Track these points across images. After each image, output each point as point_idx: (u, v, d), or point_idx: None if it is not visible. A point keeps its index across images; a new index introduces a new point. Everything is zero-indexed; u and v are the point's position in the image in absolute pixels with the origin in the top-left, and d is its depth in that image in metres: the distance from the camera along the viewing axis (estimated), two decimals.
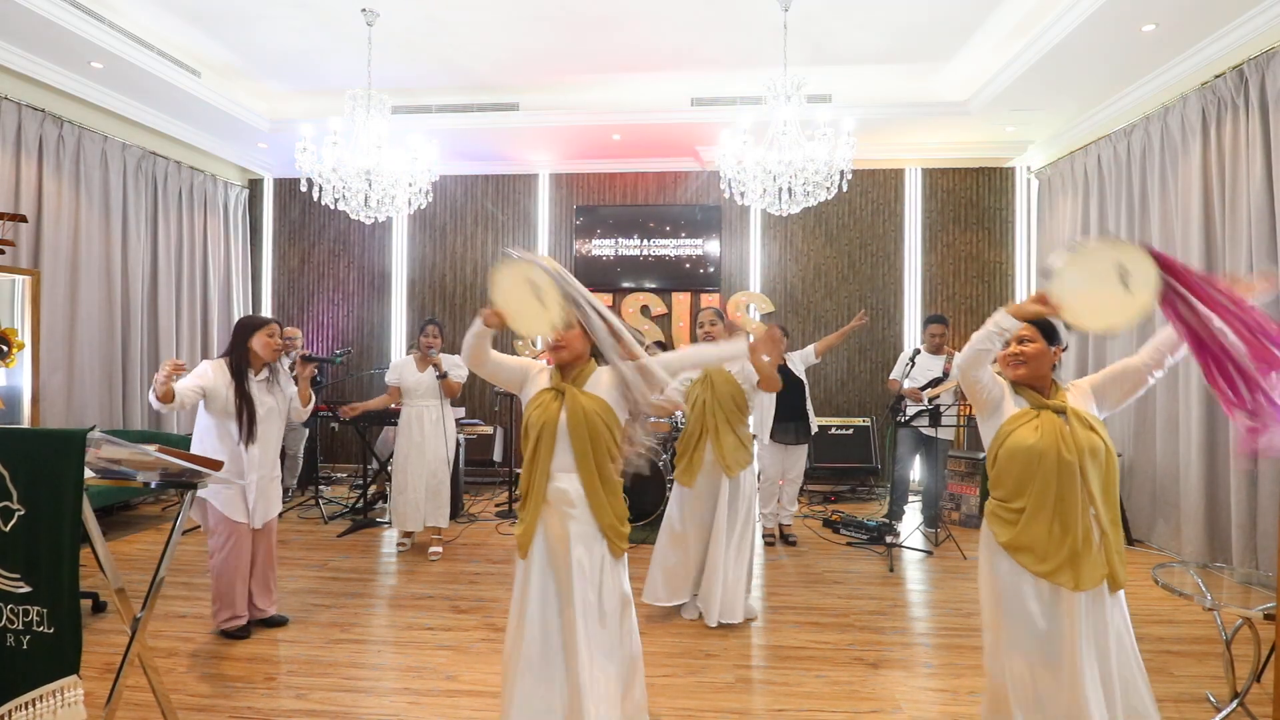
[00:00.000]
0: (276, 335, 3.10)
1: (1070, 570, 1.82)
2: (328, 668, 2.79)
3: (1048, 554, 1.85)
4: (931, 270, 6.58)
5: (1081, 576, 1.81)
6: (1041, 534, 1.86)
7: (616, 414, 2.03)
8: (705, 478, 3.30)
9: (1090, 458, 1.85)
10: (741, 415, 3.32)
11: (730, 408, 3.27)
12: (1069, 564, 1.82)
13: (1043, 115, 5.47)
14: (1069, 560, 1.83)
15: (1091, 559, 1.83)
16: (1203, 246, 4.18)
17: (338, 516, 5.24)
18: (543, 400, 2.03)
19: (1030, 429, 1.90)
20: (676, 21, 4.67)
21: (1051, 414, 1.91)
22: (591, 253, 6.81)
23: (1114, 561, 1.85)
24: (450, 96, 5.81)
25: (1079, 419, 1.89)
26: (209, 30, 4.86)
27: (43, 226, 4.74)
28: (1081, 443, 1.85)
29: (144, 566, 3.99)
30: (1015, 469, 1.91)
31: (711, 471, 3.29)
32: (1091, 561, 1.83)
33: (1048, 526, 1.85)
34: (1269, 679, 2.36)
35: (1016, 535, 1.89)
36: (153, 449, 2.04)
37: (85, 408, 4.98)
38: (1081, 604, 1.83)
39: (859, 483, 6.34)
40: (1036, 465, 1.86)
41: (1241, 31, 3.95)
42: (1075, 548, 1.83)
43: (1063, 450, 1.84)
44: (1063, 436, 1.86)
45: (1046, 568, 1.84)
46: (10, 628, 1.79)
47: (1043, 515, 1.86)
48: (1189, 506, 4.20)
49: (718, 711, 2.49)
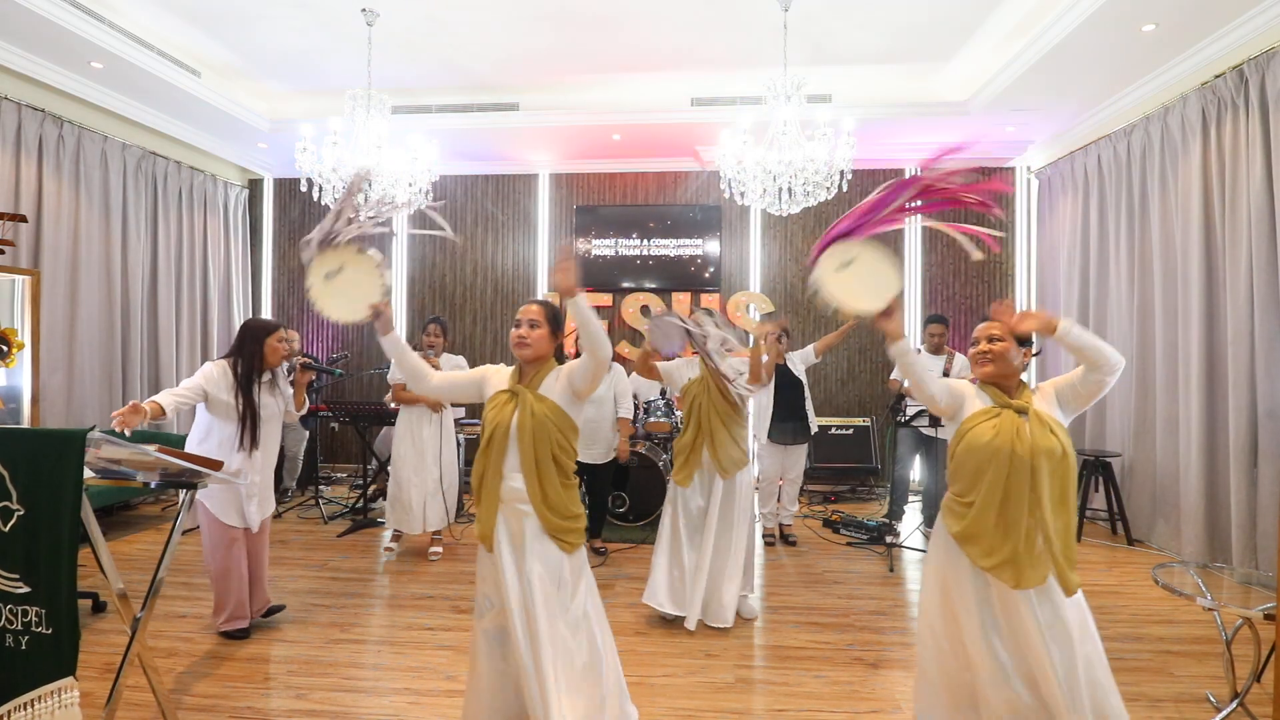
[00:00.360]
0: (284, 339, 3.10)
1: (1011, 568, 1.85)
2: (328, 668, 2.79)
3: (992, 549, 1.88)
4: (931, 270, 6.59)
5: (1022, 575, 1.84)
6: (988, 528, 1.89)
7: (569, 415, 2.09)
8: (701, 479, 3.30)
9: (1045, 458, 1.86)
10: (737, 415, 3.32)
11: (725, 409, 3.26)
12: (1010, 562, 1.85)
13: (1042, 115, 5.47)
14: (1010, 558, 1.85)
15: (1033, 559, 1.84)
16: (1203, 246, 4.18)
17: (338, 516, 5.24)
18: (498, 401, 2.11)
19: (989, 426, 1.93)
20: (676, 21, 4.67)
21: (1013, 413, 1.93)
22: (591, 253, 6.81)
23: (1060, 565, 1.85)
24: (450, 96, 5.81)
25: (1039, 420, 1.91)
26: (209, 30, 4.86)
27: (43, 226, 4.74)
28: (1039, 443, 1.87)
29: (144, 566, 3.99)
30: (970, 464, 1.94)
31: (708, 472, 3.29)
32: (1034, 561, 1.84)
33: (994, 522, 1.89)
34: (1269, 679, 2.36)
35: (965, 527, 1.93)
36: (153, 449, 2.04)
37: (85, 408, 4.98)
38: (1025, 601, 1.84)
39: (859, 483, 6.34)
40: (989, 462, 1.89)
41: (1241, 31, 3.94)
42: (1017, 547, 1.85)
43: (1017, 448, 1.87)
44: (1019, 435, 1.88)
45: (990, 562, 1.88)
46: (9, 628, 1.79)
47: (990, 511, 1.89)
48: (1189, 506, 4.20)
49: (718, 711, 2.49)
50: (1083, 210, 5.47)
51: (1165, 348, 4.49)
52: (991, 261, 6.55)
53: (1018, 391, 2.00)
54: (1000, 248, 4.48)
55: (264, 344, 3.02)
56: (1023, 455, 1.86)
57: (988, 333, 2.02)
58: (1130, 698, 2.55)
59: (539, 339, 2.12)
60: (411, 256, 7.06)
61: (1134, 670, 2.79)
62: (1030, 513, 1.86)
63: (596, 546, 4.44)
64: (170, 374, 5.80)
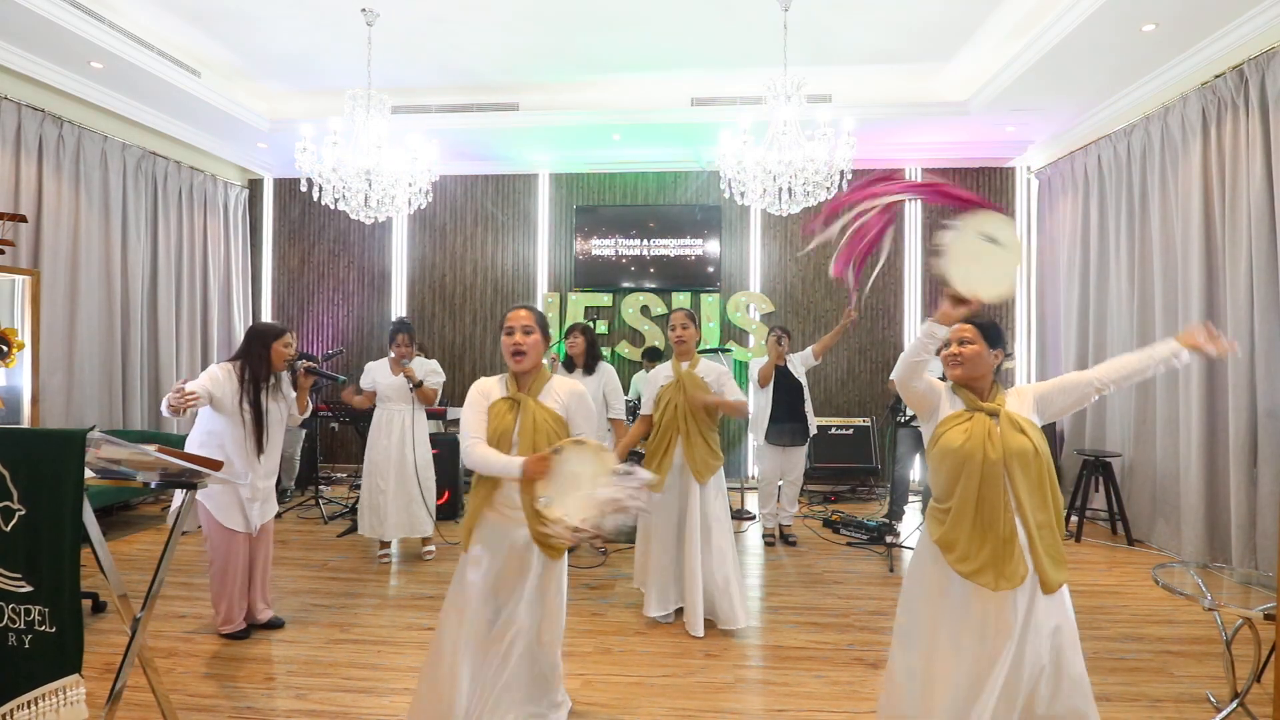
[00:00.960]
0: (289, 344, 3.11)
1: (991, 571, 1.84)
2: (328, 668, 2.79)
3: (969, 554, 1.87)
4: (932, 270, 6.59)
5: (1002, 577, 1.83)
6: (965, 534, 1.88)
7: (569, 427, 2.13)
8: (674, 482, 3.25)
9: (1017, 460, 1.86)
10: (712, 422, 3.30)
11: (700, 414, 3.23)
12: (990, 565, 1.84)
13: (1043, 115, 5.47)
14: (990, 562, 1.84)
15: (1013, 561, 1.83)
16: (1203, 246, 4.18)
17: (337, 517, 5.24)
18: (499, 409, 2.11)
19: (960, 431, 1.92)
20: (676, 21, 4.67)
21: (984, 416, 1.92)
22: (591, 253, 6.81)
23: (1042, 564, 1.84)
24: (450, 96, 5.81)
25: (1010, 422, 1.90)
26: (209, 30, 4.86)
27: (43, 226, 4.74)
28: (1010, 445, 1.86)
29: (144, 566, 4.00)
30: (945, 470, 1.93)
31: (681, 475, 3.25)
32: (1013, 563, 1.83)
33: (970, 527, 1.88)
34: (1269, 679, 2.37)
35: (944, 533, 1.92)
36: (153, 449, 2.04)
37: (85, 408, 4.98)
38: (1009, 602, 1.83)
39: (859, 483, 6.34)
40: (961, 467, 1.88)
41: (1241, 31, 3.95)
42: (996, 549, 1.84)
43: (989, 451, 1.86)
44: (990, 438, 1.88)
45: (969, 568, 1.86)
46: (12, 627, 1.79)
47: (966, 516, 1.88)
48: (1189, 506, 4.20)
49: (718, 711, 2.49)
50: (1083, 210, 5.47)
51: None
52: None
53: (990, 393, 1.99)
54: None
55: (271, 348, 3.03)
56: (994, 459, 1.85)
57: (959, 335, 1.99)
58: (1130, 698, 2.56)
59: (534, 345, 2.14)
60: (411, 256, 7.06)
61: (1134, 670, 2.79)
62: (1007, 515, 1.85)
63: (597, 547, 4.44)
64: (170, 374, 5.80)
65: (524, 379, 2.16)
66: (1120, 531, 4.74)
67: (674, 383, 3.31)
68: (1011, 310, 6.51)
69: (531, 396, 2.10)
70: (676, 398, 3.27)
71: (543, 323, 2.21)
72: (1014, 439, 1.87)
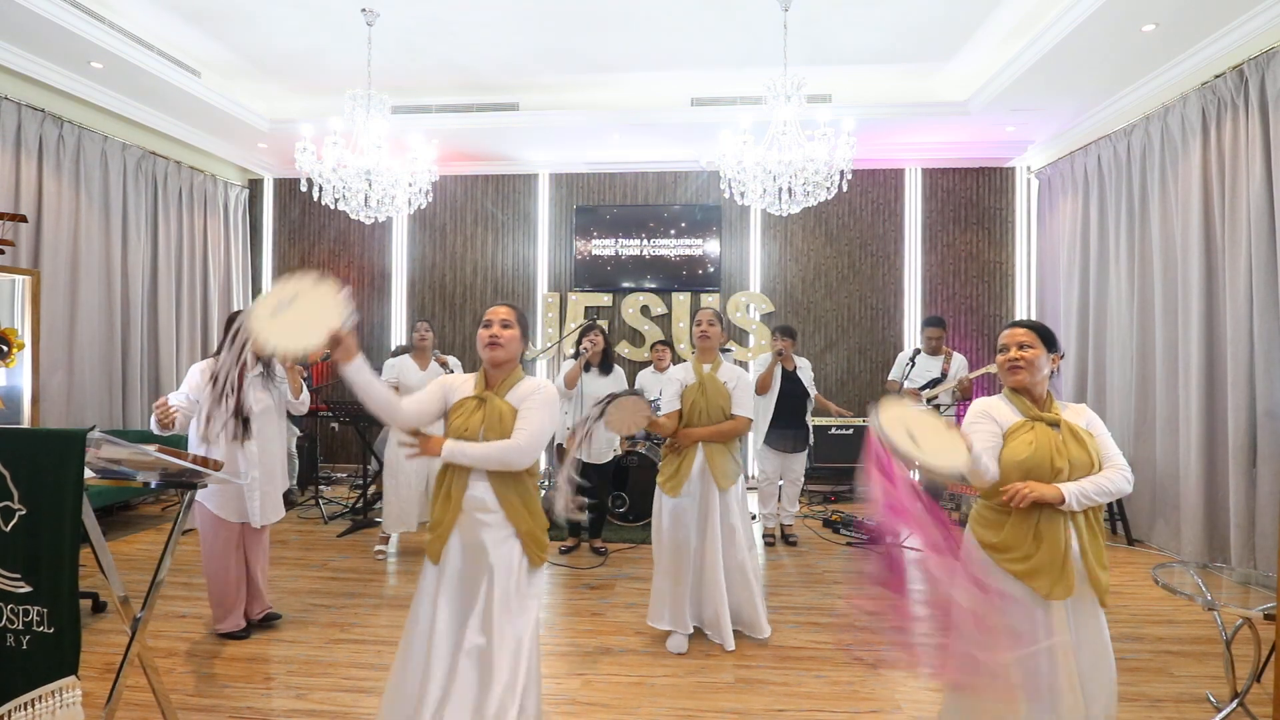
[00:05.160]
0: None
1: (1045, 576, 1.84)
2: (327, 668, 2.79)
3: (1027, 555, 1.87)
4: (931, 270, 6.58)
5: (1055, 586, 1.83)
6: (1024, 538, 1.88)
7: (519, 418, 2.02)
8: (693, 488, 3.06)
9: (1080, 473, 1.87)
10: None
11: (720, 419, 3.10)
12: (1046, 570, 1.84)
13: (1042, 115, 5.47)
14: (1046, 567, 1.84)
15: (1069, 570, 1.84)
16: (1203, 246, 4.18)
17: (338, 516, 5.24)
18: (466, 407, 2.05)
19: (1024, 443, 1.90)
20: (676, 21, 4.67)
21: (1045, 425, 1.91)
22: (591, 253, 6.81)
23: (1094, 571, 1.85)
24: (450, 96, 5.81)
25: (1072, 433, 1.90)
26: (209, 30, 4.86)
27: (43, 226, 4.74)
28: (1075, 457, 1.87)
29: (144, 566, 3.99)
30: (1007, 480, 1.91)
31: (700, 481, 3.06)
32: (1068, 572, 1.84)
33: (1030, 533, 1.87)
34: (1269, 679, 2.36)
35: (1003, 538, 1.91)
36: (153, 449, 2.04)
37: (85, 408, 4.98)
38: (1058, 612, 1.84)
39: (859, 483, 6.32)
40: (1026, 478, 1.87)
41: (1241, 31, 3.95)
42: (1053, 557, 1.84)
43: (1055, 461, 1.86)
44: (1056, 449, 1.87)
45: (1025, 568, 1.86)
46: (10, 627, 1.79)
47: (1027, 523, 1.88)
48: (1189, 506, 4.20)
49: (718, 711, 2.49)
50: (1083, 210, 5.47)
51: (1165, 347, 4.49)
52: (991, 262, 6.55)
53: (1046, 402, 1.98)
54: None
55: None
56: (1061, 469, 1.85)
57: (1017, 339, 1.96)
58: (1130, 698, 2.56)
59: (511, 339, 2.06)
60: (411, 256, 7.06)
61: (1134, 670, 2.79)
62: (1065, 523, 1.85)
63: (596, 546, 4.44)
64: (170, 374, 5.80)
65: (494, 375, 2.09)
66: (1120, 531, 4.74)
67: (696, 384, 3.14)
68: (1012, 310, 6.51)
69: (499, 395, 2.03)
70: (700, 401, 3.10)
71: (523, 321, 2.15)
72: (1077, 452, 1.87)
